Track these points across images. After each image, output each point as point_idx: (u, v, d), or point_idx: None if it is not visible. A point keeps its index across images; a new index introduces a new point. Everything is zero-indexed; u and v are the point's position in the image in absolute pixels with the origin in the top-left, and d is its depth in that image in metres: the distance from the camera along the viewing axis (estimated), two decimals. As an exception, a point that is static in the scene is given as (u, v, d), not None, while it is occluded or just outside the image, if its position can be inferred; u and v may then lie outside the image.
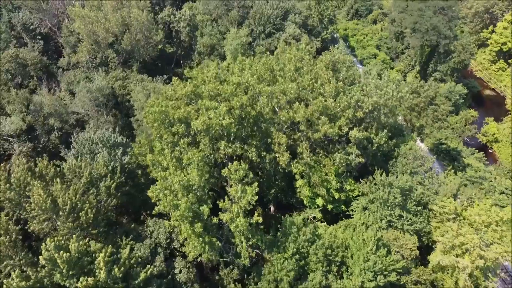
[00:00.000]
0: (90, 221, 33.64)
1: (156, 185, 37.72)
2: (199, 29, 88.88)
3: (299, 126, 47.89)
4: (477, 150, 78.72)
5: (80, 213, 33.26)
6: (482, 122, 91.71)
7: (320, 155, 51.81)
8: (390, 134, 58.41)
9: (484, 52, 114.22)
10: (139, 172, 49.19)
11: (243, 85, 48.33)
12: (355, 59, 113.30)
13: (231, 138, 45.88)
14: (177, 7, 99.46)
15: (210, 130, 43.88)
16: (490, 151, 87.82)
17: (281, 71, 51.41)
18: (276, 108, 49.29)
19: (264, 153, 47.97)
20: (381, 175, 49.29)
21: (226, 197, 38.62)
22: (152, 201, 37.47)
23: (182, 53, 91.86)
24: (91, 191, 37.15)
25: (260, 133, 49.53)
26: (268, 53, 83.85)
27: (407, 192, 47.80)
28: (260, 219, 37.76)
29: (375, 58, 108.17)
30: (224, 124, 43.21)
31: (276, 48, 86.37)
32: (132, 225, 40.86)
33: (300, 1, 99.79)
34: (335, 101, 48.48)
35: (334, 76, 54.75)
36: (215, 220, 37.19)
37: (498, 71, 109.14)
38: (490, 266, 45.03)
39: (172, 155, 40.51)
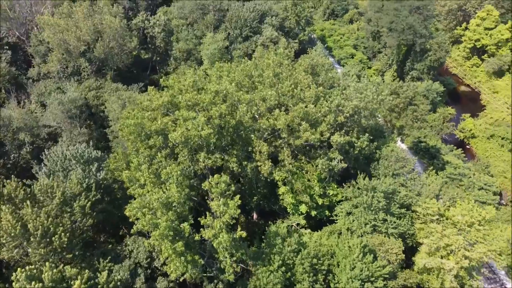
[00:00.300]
0: (64, 245, 31.89)
1: (133, 203, 36.12)
2: (174, 34, 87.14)
3: (280, 133, 47.01)
4: (455, 147, 79.62)
5: (53, 238, 31.48)
6: (459, 118, 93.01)
7: (302, 161, 51.06)
8: (371, 136, 58.25)
9: (458, 48, 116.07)
10: (116, 186, 47.40)
11: (222, 93, 47.10)
12: (332, 59, 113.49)
13: (211, 149, 44.62)
14: (152, 12, 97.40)
15: (189, 142, 42.52)
16: (467, 147, 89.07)
17: (260, 77, 50.45)
18: (256, 116, 48.29)
19: (246, 162, 46.90)
20: (364, 179, 48.86)
21: (207, 212, 37.35)
22: (130, 220, 35.90)
23: (158, 59, 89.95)
24: (65, 212, 35.30)
25: (241, 142, 48.43)
26: (246, 58, 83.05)
27: (390, 196, 47.52)
28: (244, 234, 36.63)
29: (352, 58, 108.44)
30: (203, 135, 41.92)
31: (254, 51, 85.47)
32: (110, 246, 39.10)
33: (276, 3, 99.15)
34: (315, 106, 47.84)
35: (314, 80, 54.21)
36: (197, 237, 35.89)
37: (472, 67, 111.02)
38: (474, 265, 45.19)
39: (150, 170, 39.00)
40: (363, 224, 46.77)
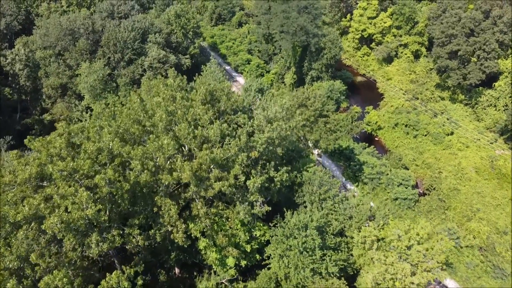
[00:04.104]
0: None
1: None
2: (42, 68, 73.29)
3: (189, 186, 39.20)
4: (367, 144, 79.02)
5: None
6: (363, 112, 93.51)
7: (220, 207, 43.86)
8: (290, 157, 53.32)
9: (347, 39, 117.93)
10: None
11: (105, 152, 37.70)
12: (229, 67, 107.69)
13: (105, 226, 35.22)
14: (9, 43, 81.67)
15: (72, 226, 32.74)
16: (376, 139, 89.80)
17: (151, 119, 41.84)
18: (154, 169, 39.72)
19: (153, 231, 38.24)
20: (292, 216, 43.34)
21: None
22: None
23: (27, 98, 75.54)
24: None
25: (142, 202, 39.63)
26: (135, 86, 72.89)
27: (323, 229, 42.68)
28: None
29: (249, 63, 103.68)
30: (89, 214, 32.46)
31: (142, 75, 75.69)
32: None
33: (158, 17, 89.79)
34: (223, 145, 40.85)
35: (216, 107, 47.24)
36: None
37: (363, 56, 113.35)
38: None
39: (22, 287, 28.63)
40: (301, 268, 41.24)
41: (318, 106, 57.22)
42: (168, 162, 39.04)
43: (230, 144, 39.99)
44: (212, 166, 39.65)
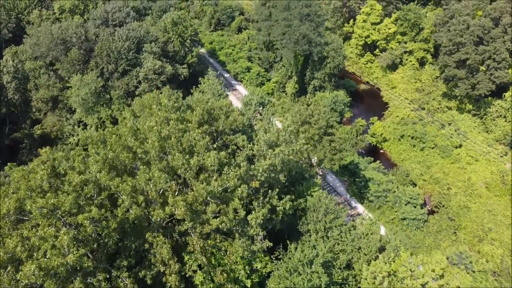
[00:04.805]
0: None
1: None
2: (31, 80, 69.78)
3: (184, 221, 35.77)
4: (372, 159, 75.50)
5: None
6: (367, 121, 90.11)
7: (218, 240, 40.42)
8: (292, 178, 49.94)
9: (349, 45, 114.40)
10: None
11: (91, 185, 34.29)
12: (228, 75, 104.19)
13: (88, 271, 31.75)
14: (-2, 53, 78.22)
15: (52, 274, 29.32)
16: (381, 151, 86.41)
17: (143, 145, 38.35)
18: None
19: (143, 272, 34.78)
20: (295, 249, 39.92)
21: None
22: None
23: (16, 111, 72.12)
24: None
25: (131, 240, 36.17)
26: (129, 99, 69.55)
27: (330, 264, 39.27)
28: None
29: (249, 71, 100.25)
30: (70, 261, 29.04)
31: (136, 87, 72.29)
32: None
33: (154, 24, 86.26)
34: (220, 175, 37.39)
35: (214, 127, 43.94)
36: None
37: (367, 63, 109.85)
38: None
39: None
40: (306, 310, 37.81)
41: (322, 124, 53.76)
42: (160, 194, 35.62)
43: (229, 174, 36.51)
44: (209, 197, 36.23)
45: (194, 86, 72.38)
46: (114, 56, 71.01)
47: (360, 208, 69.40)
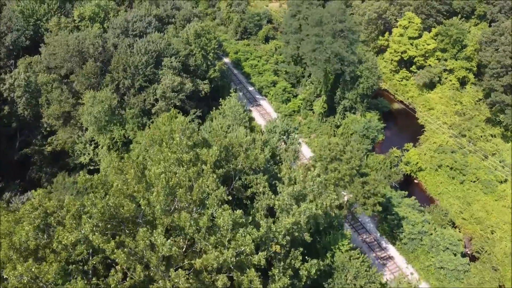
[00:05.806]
0: None
1: None
2: (43, 94, 65.87)
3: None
4: (406, 193, 68.10)
5: None
6: (396, 142, 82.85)
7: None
8: (318, 227, 43.74)
9: (383, 59, 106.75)
10: None
11: (83, 246, 29.22)
12: (252, 88, 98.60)
13: None
14: (14, 61, 74.79)
15: None
16: (415, 181, 78.94)
17: (147, 195, 33.04)
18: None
19: None
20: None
21: None
22: None
23: (25, 129, 68.61)
24: None
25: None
26: (144, 118, 65.07)
27: None
28: None
29: (274, 86, 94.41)
30: None
31: (153, 105, 67.57)
32: None
33: (176, 35, 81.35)
34: (234, 236, 31.66)
35: (231, 165, 38.57)
36: None
37: (402, 80, 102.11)
38: None
39: None
40: None
41: (356, 163, 47.36)
42: (163, 260, 30.19)
43: (245, 237, 30.76)
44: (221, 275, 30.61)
45: (214, 108, 67.38)
46: (131, 71, 66.39)
47: (392, 249, 62.54)
